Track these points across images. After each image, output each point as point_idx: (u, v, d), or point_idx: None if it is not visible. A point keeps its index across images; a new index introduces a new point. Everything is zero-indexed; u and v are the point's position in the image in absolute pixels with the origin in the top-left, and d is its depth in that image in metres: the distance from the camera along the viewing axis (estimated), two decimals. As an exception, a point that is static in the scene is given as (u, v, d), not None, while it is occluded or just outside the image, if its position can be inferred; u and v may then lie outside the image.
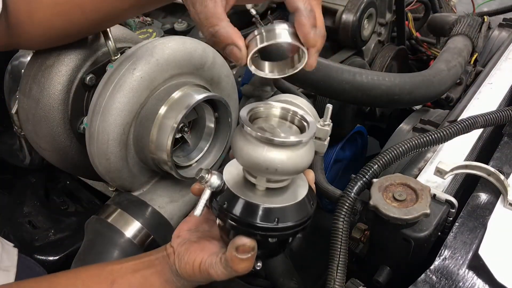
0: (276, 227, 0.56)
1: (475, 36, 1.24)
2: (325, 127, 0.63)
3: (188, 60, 0.87)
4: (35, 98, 0.86)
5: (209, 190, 0.58)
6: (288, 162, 0.54)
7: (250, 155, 0.54)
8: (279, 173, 0.54)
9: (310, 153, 0.57)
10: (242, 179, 0.60)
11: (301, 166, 0.56)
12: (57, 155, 0.92)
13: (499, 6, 1.65)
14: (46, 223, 1.24)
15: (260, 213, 0.56)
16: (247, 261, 0.57)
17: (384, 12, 1.41)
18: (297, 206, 0.58)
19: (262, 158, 0.53)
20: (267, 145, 0.53)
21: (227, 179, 0.59)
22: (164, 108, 0.82)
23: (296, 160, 0.54)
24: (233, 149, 0.57)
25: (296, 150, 0.54)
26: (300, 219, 0.58)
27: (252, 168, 0.56)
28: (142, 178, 0.91)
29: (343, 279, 0.67)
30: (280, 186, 0.59)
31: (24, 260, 0.94)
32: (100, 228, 0.86)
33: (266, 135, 0.53)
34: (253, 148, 0.54)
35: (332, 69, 0.98)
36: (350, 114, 1.32)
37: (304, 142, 0.54)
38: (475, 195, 0.76)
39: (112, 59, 0.85)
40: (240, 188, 0.59)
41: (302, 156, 0.55)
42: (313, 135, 0.56)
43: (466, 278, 0.62)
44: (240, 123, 0.55)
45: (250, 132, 0.53)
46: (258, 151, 0.53)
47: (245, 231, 0.56)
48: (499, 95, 1.04)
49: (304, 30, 0.53)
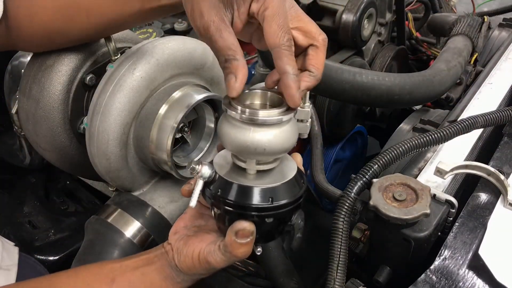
0: (272, 206, 0.57)
1: (475, 36, 1.24)
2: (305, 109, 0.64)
3: (188, 60, 0.87)
4: (35, 98, 0.86)
5: (202, 180, 0.59)
6: (275, 140, 0.55)
7: (238, 138, 0.55)
8: (268, 152, 0.56)
9: (295, 131, 0.59)
10: (232, 166, 0.62)
11: (288, 144, 0.57)
12: (57, 155, 0.92)
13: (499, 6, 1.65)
14: (46, 223, 1.24)
15: (254, 194, 0.57)
16: (246, 246, 0.58)
17: (384, 12, 1.41)
18: (288, 184, 0.60)
19: (249, 140, 0.55)
20: (252, 126, 0.55)
21: (217, 168, 0.61)
22: (164, 108, 0.82)
23: (282, 137, 0.56)
24: (220, 137, 0.59)
25: (281, 127, 0.56)
26: (293, 197, 0.59)
27: (241, 151, 0.58)
28: (142, 178, 0.91)
29: (343, 279, 0.67)
30: (270, 167, 0.61)
31: (25, 259, 0.94)
32: (100, 228, 0.86)
33: (250, 116, 0.54)
34: (239, 131, 0.55)
35: (332, 69, 0.98)
36: (350, 114, 1.32)
37: (287, 119, 0.56)
38: (475, 195, 0.75)
39: (112, 59, 0.85)
40: (232, 174, 0.60)
41: (288, 133, 0.57)
42: (295, 111, 0.58)
43: (466, 278, 0.62)
44: (223, 110, 0.57)
45: (234, 115, 0.55)
46: (245, 133, 0.55)
47: (241, 214, 0.57)
48: (499, 95, 1.04)
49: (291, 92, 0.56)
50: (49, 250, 1.15)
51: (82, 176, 1.26)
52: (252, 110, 0.55)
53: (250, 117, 0.54)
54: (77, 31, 0.80)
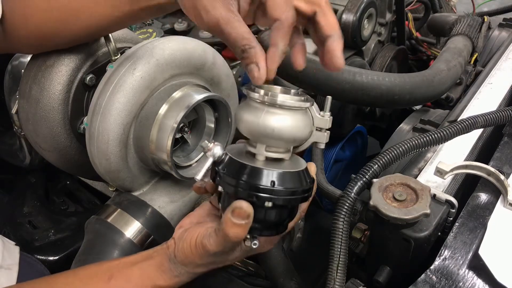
0: (272, 189, 0.57)
1: (475, 36, 1.24)
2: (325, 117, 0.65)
3: (188, 60, 0.87)
4: (35, 98, 0.86)
5: (212, 158, 0.61)
6: (284, 125, 0.57)
7: (249, 117, 0.58)
8: (276, 135, 0.57)
9: (307, 124, 0.61)
10: (243, 151, 0.64)
11: (298, 133, 0.59)
12: (57, 155, 0.92)
13: (499, 6, 1.65)
14: (46, 223, 1.24)
15: (257, 174, 0.58)
16: (240, 227, 0.57)
17: (384, 12, 1.40)
18: (293, 175, 0.60)
19: (260, 120, 0.57)
20: (266, 107, 0.57)
21: (229, 151, 0.62)
22: (164, 108, 0.82)
23: (293, 124, 0.58)
24: (236, 120, 0.61)
25: (294, 115, 0.58)
26: (297, 187, 0.59)
27: (251, 131, 0.59)
28: (142, 178, 0.91)
29: (343, 279, 0.67)
30: (279, 156, 0.62)
31: (26, 258, 0.94)
32: (100, 228, 0.86)
33: (268, 97, 0.57)
34: (254, 112, 0.58)
35: (332, 69, 0.98)
36: (350, 114, 1.32)
37: (303, 108, 0.59)
38: (475, 195, 0.75)
39: (112, 59, 0.85)
40: (241, 157, 0.61)
41: (298, 122, 0.58)
42: (310, 105, 0.60)
43: (466, 278, 0.62)
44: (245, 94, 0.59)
45: (253, 95, 0.57)
46: (257, 113, 0.57)
47: (242, 193, 0.57)
48: (499, 95, 1.04)
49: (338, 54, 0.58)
50: (49, 250, 1.15)
51: (82, 176, 1.26)
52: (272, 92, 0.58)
53: (267, 98, 0.57)
54: (68, 32, 0.81)
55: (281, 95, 0.57)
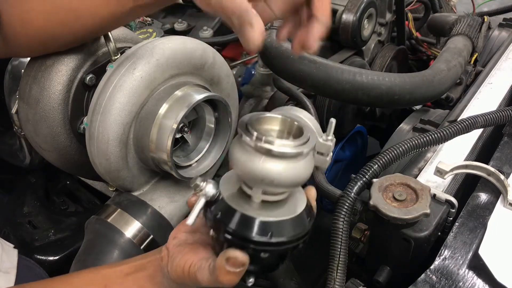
0: (270, 242, 0.54)
1: (475, 36, 1.24)
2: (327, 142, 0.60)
3: (188, 60, 0.87)
4: (35, 98, 0.86)
5: (204, 199, 0.56)
6: (285, 174, 0.52)
7: (247, 164, 0.52)
8: (276, 184, 0.53)
9: (309, 167, 0.55)
10: (238, 189, 0.58)
11: (299, 179, 0.54)
12: (57, 155, 0.92)
13: (499, 6, 1.65)
14: (46, 223, 1.24)
15: (254, 226, 0.54)
16: (234, 275, 0.55)
17: (384, 12, 1.41)
18: (292, 221, 0.56)
19: (258, 169, 0.51)
20: (264, 155, 0.51)
21: (223, 189, 0.57)
22: (164, 108, 0.82)
23: (293, 172, 0.52)
24: (230, 159, 0.56)
25: (295, 162, 0.52)
26: (295, 235, 0.55)
27: (248, 179, 0.55)
28: (142, 178, 0.91)
29: (343, 279, 0.67)
30: (277, 199, 0.57)
31: (24, 261, 0.94)
32: (100, 228, 0.86)
33: (264, 145, 0.51)
34: (250, 157, 0.52)
35: (332, 69, 0.98)
36: (350, 114, 1.32)
37: (303, 154, 0.52)
38: (475, 195, 0.76)
39: (112, 59, 0.85)
40: (236, 199, 0.57)
41: (300, 169, 0.53)
42: (312, 147, 0.54)
43: (466, 278, 0.62)
44: (238, 133, 0.54)
45: (249, 142, 0.52)
46: (255, 161, 0.52)
47: (238, 244, 0.54)
48: (499, 95, 1.04)
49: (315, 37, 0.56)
50: (49, 250, 1.15)
51: (82, 176, 1.26)
52: (268, 138, 0.51)
53: (264, 146, 0.51)
54: (70, 34, 0.80)
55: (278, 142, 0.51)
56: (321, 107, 1.21)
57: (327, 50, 1.29)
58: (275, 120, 0.58)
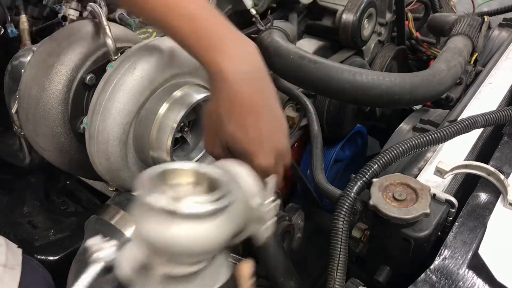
0: None
1: (475, 36, 1.24)
2: (262, 207, 0.48)
3: (188, 60, 0.86)
4: (35, 98, 0.86)
5: (98, 266, 0.46)
6: (185, 239, 0.40)
7: (139, 225, 0.43)
8: (177, 253, 0.41)
9: (221, 231, 0.42)
10: (142, 257, 0.45)
11: (203, 247, 0.42)
12: (57, 155, 0.92)
13: (499, 6, 1.65)
14: (46, 223, 1.24)
15: None
16: None
17: (384, 12, 1.41)
18: None
19: (151, 231, 0.41)
20: (156, 216, 0.41)
21: (124, 254, 0.46)
22: (164, 107, 0.82)
23: (196, 236, 0.40)
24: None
25: (198, 224, 0.41)
26: None
27: (146, 244, 0.44)
28: (142, 178, 0.91)
29: (343, 279, 0.67)
30: (182, 273, 0.44)
31: (28, 261, 0.94)
32: (100, 228, 0.86)
33: (148, 203, 0.41)
34: (142, 217, 0.43)
35: (332, 69, 0.98)
36: (350, 114, 1.32)
37: (220, 210, 0.41)
38: (475, 195, 0.75)
39: (112, 58, 0.85)
40: (136, 270, 0.45)
41: (204, 233, 0.41)
42: (222, 207, 0.42)
43: (466, 278, 0.62)
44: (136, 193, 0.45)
45: (149, 201, 0.43)
46: (147, 221, 0.42)
47: None
48: (499, 95, 1.04)
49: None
50: (49, 250, 1.15)
51: (82, 176, 1.26)
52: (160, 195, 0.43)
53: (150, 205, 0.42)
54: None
55: (184, 201, 0.41)
56: (321, 107, 1.21)
57: (327, 50, 1.29)
58: (185, 173, 0.49)
